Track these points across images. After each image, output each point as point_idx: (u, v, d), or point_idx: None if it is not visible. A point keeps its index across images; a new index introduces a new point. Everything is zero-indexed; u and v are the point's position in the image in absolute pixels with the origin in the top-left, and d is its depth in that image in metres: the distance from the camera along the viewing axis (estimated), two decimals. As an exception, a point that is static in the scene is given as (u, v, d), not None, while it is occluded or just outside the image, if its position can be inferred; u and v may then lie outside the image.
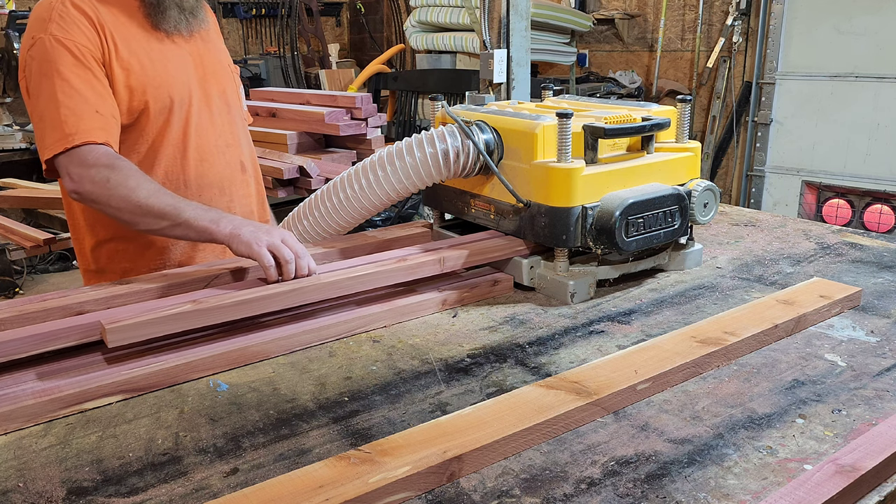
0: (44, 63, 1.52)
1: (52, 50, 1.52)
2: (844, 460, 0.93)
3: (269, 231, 1.43)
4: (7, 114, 5.87)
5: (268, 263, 1.39)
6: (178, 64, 1.69)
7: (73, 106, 1.50)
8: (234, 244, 1.43)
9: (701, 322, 1.35)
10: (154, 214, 1.47)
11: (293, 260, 1.40)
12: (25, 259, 4.81)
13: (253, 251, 1.40)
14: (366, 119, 4.00)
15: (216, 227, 1.45)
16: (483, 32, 3.41)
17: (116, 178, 1.47)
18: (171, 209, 1.46)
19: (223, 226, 1.45)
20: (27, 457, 1.02)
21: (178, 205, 1.47)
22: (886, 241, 1.92)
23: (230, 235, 1.43)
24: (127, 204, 1.47)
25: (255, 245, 1.40)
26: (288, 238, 1.43)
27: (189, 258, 1.75)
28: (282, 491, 0.87)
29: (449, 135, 1.57)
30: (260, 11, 8.09)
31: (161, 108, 1.64)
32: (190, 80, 1.70)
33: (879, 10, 4.35)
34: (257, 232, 1.42)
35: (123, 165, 1.50)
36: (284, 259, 1.39)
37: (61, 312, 1.33)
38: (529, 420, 1.02)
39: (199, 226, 1.46)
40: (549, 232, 1.49)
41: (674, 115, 1.66)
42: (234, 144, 1.82)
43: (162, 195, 1.48)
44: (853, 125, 4.54)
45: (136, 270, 1.68)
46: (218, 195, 1.77)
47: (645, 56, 6.25)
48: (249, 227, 1.44)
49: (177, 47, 1.70)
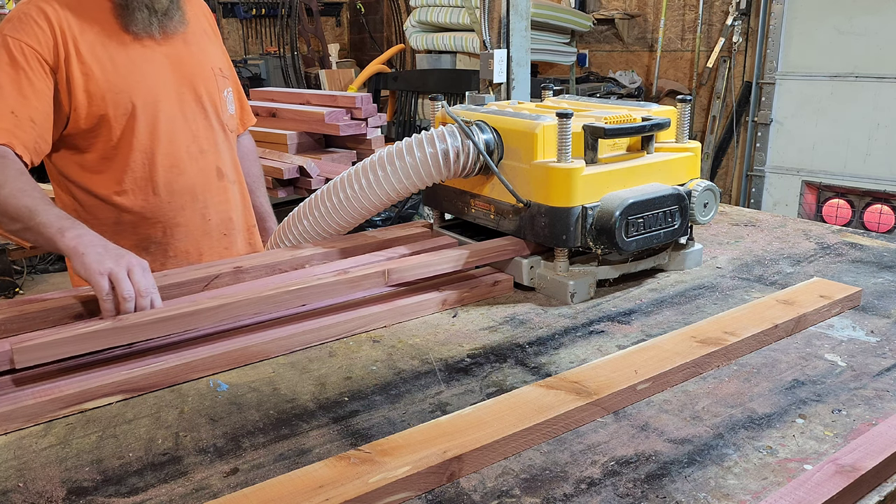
0: None
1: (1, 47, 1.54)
2: (844, 460, 0.93)
3: (118, 259, 1.30)
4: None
5: (103, 293, 1.26)
6: (146, 68, 1.67)
7: None
8: (75, 262, 1.31)
9: (701, 322, 1.35)
10: (8, 215, 1.42)
11: (132, 298, 1.27)
12: (25, 259, 4.81)
13: (91, 278, 1.27)
14: (366, 119, 4.00)
15: (61, 237, 1.35)
16: (483, 32, 3.41)
17: None
18: (25, 211, 1.39)
19: (69, 238, 1.34)
20: (27, 457, 1.02)
21: (34, 208, 1.39)
22: (886, 241, 1.92)
23: (72, 250, 1.33)
24: None
25: (94, 272, 1.27)
26: (136, 270, 1.29)
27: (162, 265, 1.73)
28: (282, 491, 0.87)
29: (449, 135, 1.57)
30: (260, 11, 8.09)
31: (121, 114, 1.63)
32: (160, 84, 1.69)
33: (879, 10, 4.35)
34: (103, 257, 1.29)
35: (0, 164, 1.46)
36: (122, 296, 1.26)
37: (61, 312, 1.33)
38: (529, 420, 1.02)
39: (46, 233, 1.37)
40: (549, 232, 1.49)
41: (674, 115, 1.66)
42: (209, 150, 1.79)
43: (23, 196, 1.41)
44: (853, 125, 4.54)
45: None
46: (190, 202, 1.76)
47: (645, 56, 6.25)
48: (97, 249, 1.31)
49: (148, 51, 1.69)
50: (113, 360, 1.25)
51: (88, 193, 1.69)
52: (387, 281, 1.44)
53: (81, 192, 1.69)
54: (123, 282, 1.26)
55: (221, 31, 7.96)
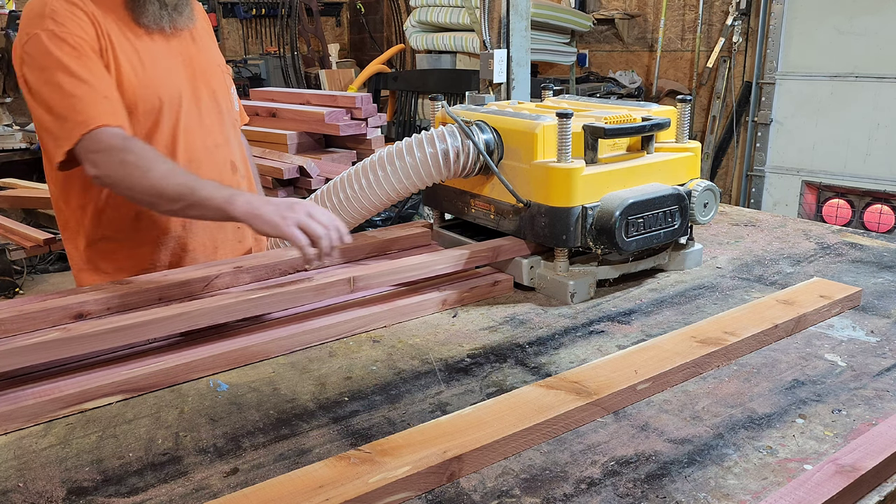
0: (43, 57, 1.51)
1: (50, 44, 1.51)
2: (844, 460, 0.93)
3: (292, 206, 1.37)
4: (7, 114, 5.87)
5: (303, 242, 1.34)
6: (167, 64, 1.67)
7: (81, 95, 1.49)
8: (256, 224, 1.37)
9: (701, 322, 1.35)
10: (168, 197, 1.44)
11: (325, 235, 1.35)
12: (25, 259, 4.82)
13: (283, 232, 1.34)
14: (366, 119, 4.00)
15: (231, 206, 1.40)
16: (483, 32, 3.41)
17: (130, 160, 1.46)
18: (185, 189, 1.43)
19: (239, 205, 1.39)
20: (27, 457, 1.02)
21: (192, 184, 1.44)
22: (886, 241, 1.92)
23: (247, 214, 1.38)
24: (142, 186, 1.45)
25: (283, 226, 1.34)
26: (313, 210, 1.37)
27: (179, 259, 1.74)
28: (282, 491, 0.87)
29: (449, 135, 1.57)
30: (260, 11, 8.09)
31: (150, 109, 1.63)
32: (179, 80, 1.69)
33: (879, 10, 4.35)
34: (280, 209, 1.36)
35: (136, 146, 1.48)
36: (316, 235, 1.34)
37: (61, 312, 1.33)
38: (529, 420, 1.02)
39: (214, 205, 1.42)
40: (549, 232, 1.49)
41: (674, 115, 1.66)
42: (223, 145, 1.80)
43: (175, 175, 1.45)
44: (853, 125, 4.54)
45: (128, 270, 1.68)
46: None
47: (645, 56, 6.25)
48: (269, 206, 1.38)
49: (167, 46, 1.69)
50: (113, 360, 1.25)
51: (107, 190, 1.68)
52: (352, 288, 1.42)
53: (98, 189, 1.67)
54: (314, 227, 1.35)
55: (221, 30, 7.97)
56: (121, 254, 1.70)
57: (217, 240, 1.82)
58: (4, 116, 5.83)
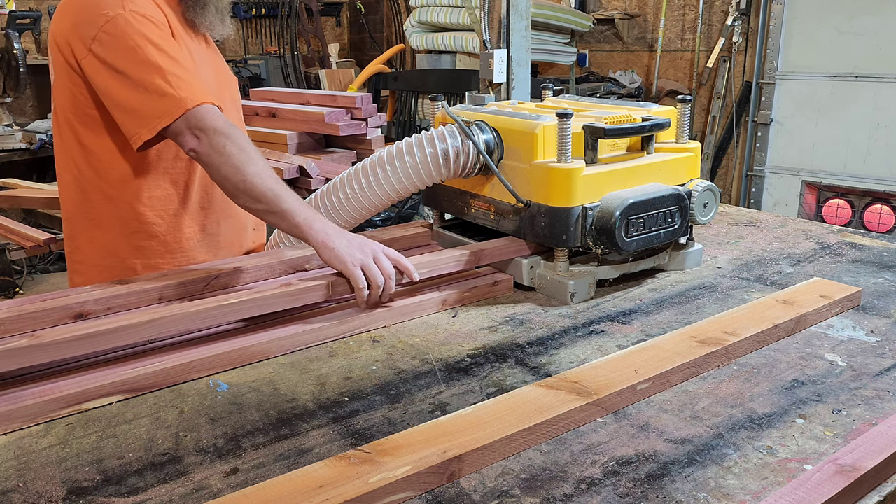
0: (129, 37, 1.49)
1: (137, 23, 1.50)
2: (844, 460, 0.93)
3: (363, 247, 1.42)
4: (7, 114, 5.87)
5: (361, 285, 1.39)
6: (208, 69, 1.70)
7: (177, 72, 1.50)
8: (325, 254, 1.42)
9: (701, 322, 1.35)
10: (253, 196, 1.46)
11: (382, 284, 1.41)
12: (25, 259, 4.82)
13: (347, 270, 1.39)
14: (366, 119, 3.99)
15: (309, 230, 1.43)
16: (483, 32, 3.41)
17: (231, 149, 1.47)
18: (271, 195, 1.46)
19: (316, 231, 1.43)
20: (27, 457, 1.02)
21: (278, 192, 1.46)
22: (886, 241, 1.92)
23: (321, 244, 1.42)
24: (233, 176, 1.47)
25: (349, 264, 1.39)
26: (379, 254, 1.42)
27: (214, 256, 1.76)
28: (282, 491, 0.87)
29: (449, 135, 1.57)
30: (260, 11, 8.09)
31: None
32: (215, 86, 1.71)
33: (879, 10, 4.35)
34: (351, 248, 1.41)
35: (239, 136, 1.50)
36: (375, 284, 1.40)
37: (61, 312, 1.33)
38: (529, 420, 1.02)
39: (293, 221, 1.45)
40: (549, 232, 1.49)
41: (674, 115, 1.66)
42: None
43: (266, 177, 1.47)
44: (853, 125, 4.54)
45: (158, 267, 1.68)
46: None
47: (645, 56, 6.25)
48: (342, 241, 1.42)
49: (205, 51, 1.71)
50: (113, 360, 1.25)
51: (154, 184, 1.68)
52: (331, 294, 1.41)
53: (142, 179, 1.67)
54: (375, 273, 1.40)
55: (221, 30, 7.96)
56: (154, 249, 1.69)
57: (242, 238, 1.86)
58: (4, 116, 5.82)
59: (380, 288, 1.41)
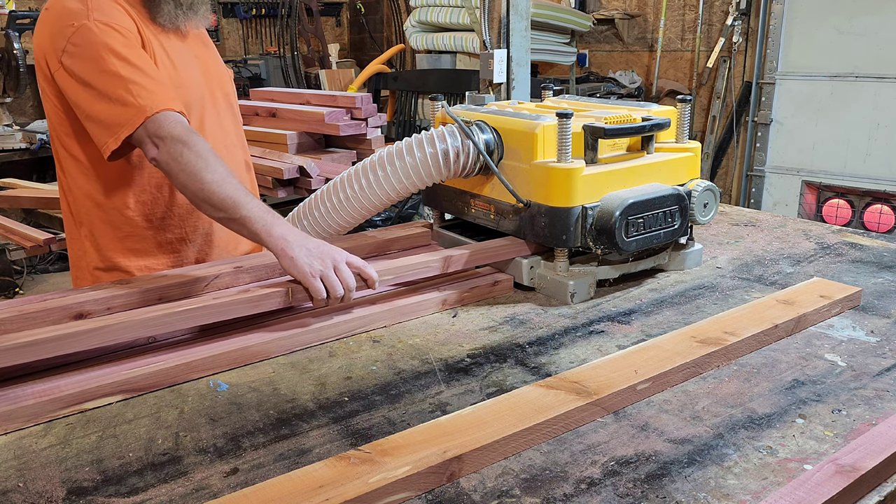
0: (93, 47, 1.49)
1: (101, 33, 1.50)
2: (844, 460, 0.93)
3: (323, 256, 1.38)
4: (7, 114, 5.87)
5: (320, 297, 1.36)
6: (189, 64, 1.69)
7: (139, 81, 1.49)
8: (284, 262, 1.38)
9: (701, 322, 1.35)
10: (212, 203, 1.45)
11: (341, 297, 1.37)
12: (25, 259, 4.82)
13: (307, 281, 1.36)
14: (366, 119, 3.99)
15: (267, 235, 1.40)
16: (483, 32, 3.41)
17: (188, 156, 1.45)
18: (230, 202, 1.43)
19: (276, 238, 1.39)
20: (27, 457, 1.02)
21: (237, 199, 1.43)
22: (886, 241, 1.92)
23: (281, 251, 1.38)
24: (192, 185, 1.45)
25: (308, 276, 1.35)
26: (340, 267, 1.38)
27: (205, 255, 1.76)
28: (282, 491, 0.87)
29: (449, 135, 1.57)
30: (260, 11, 8.09)
31: None
32: (199, 81, 1.70)
33: (879, 10, 4.35)
34: (311, 257, 1.37)
35: (197, 141, 1.48)
36: (335, 295, 1.36)
37: (61, 312, 1.33)
38: (529, 420, 1.02)
39: (252, 229, 1.42)
40: (549, 232, 1.49)
41: (674, 115, 1.66)
42: (239, 145, 1.83)
43: (225, 184, 1.45)
44: (853, 125, 4.54)
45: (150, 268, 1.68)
46: None
47: (645, 56, 6.25)
48: (302, 249, 1.38)
49: (184, 47, 1.70)
50: (113, 360, 1.25)
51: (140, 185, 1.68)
52: (291, 300, 1.37)
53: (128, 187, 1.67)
54: (335, 284, 1.36)
55: (221, 30, 7.97)
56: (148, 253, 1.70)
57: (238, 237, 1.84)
58: (4, 116, 5.83)
59: (338, 299, 1.37)
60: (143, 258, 1.70)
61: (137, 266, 1.69)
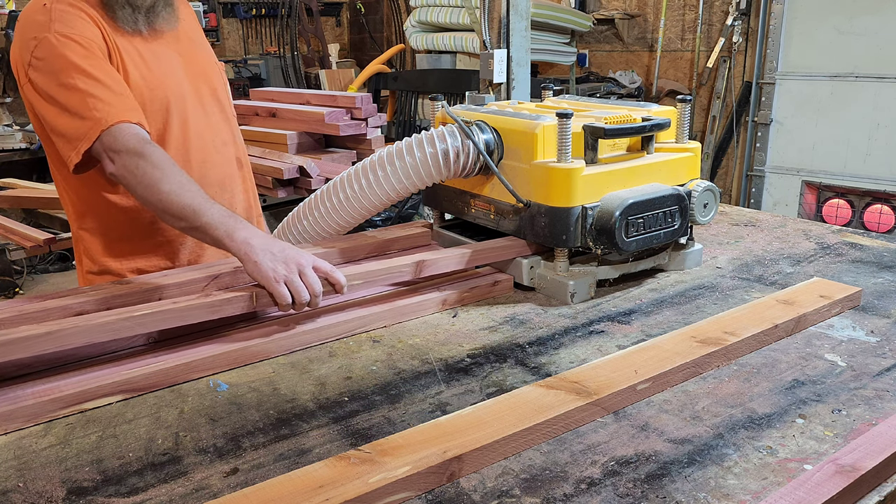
0: (55, 60, 1.49)
1: (61, 46, 1.49)
2: (844, 460, 0.93)
3: (287, 261, 1.34)
4: (7, 114, 5.87)
5: (285, 302, 1.32)
6: (167, 64, 1.67)
7: (97, 94, 1.48)
8: (248, 267, 1.35)
9: (701, 322, 1.35)
10: (172, 213, 1.43)
11: (306, 303, 1.34)
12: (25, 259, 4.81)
13: (271, 286, 1.32)
14: (366, 119, 4.00)
15: (230, 240, 1.38)
16: (483, 32, 3.41)
17: (144, 168, 1.44)
18: (189, 211, 1.41)
19: (238, 240, 1.37)
20: (27, 457, 1.02)
21: (197, 207, 1.41)
22: (886, 241, 1.92)
23: (244, 256, 1.36)
24: (150, 197, 1.44)
25: (272, 281, 1.32)
26: (306, 272, 1.35)
27: (197, 258, 1.75)
28: (282, 491, 0.87)
29: (449, 135, 1.57)
30: (260, 11, 8.10)
31: (159, 109, 1.63)
32: (181, 79, 1.69)
33: (879, 10, 4.35)
34: (275, 262, 1.34)
35: (153, 152, 1.46)
36: (300, 301, 1.33)
37: (61, 312, 1.33)
38: (529, 420, 1.02)
39: (214, 235, 1.40)
40: (549, 232, 1.49)
41: (674, 116, 1.66)
42: (229, 142, 1.82)
43: (184, 194, 1.43)
44: (853, 125, 4.54)
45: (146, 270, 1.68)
46: (220, 193, 1.77)
47: (645, 56, 6.25)
48: (266, 254, 1.35)
49: (165, 46, 1.69)
50: (113, 360, 1.25)
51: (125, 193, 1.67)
52: (255, 305, 1.32)
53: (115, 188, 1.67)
54: (300, 289, 1.32)
55: (221, 30, 7.98)
56: (139, 255, 1.70)
57: None
58: (4, 116, 5.83)
59: (303, 305, 1.33)
60: (133, 260, 1.70)
61: (129, 268, 1.69)
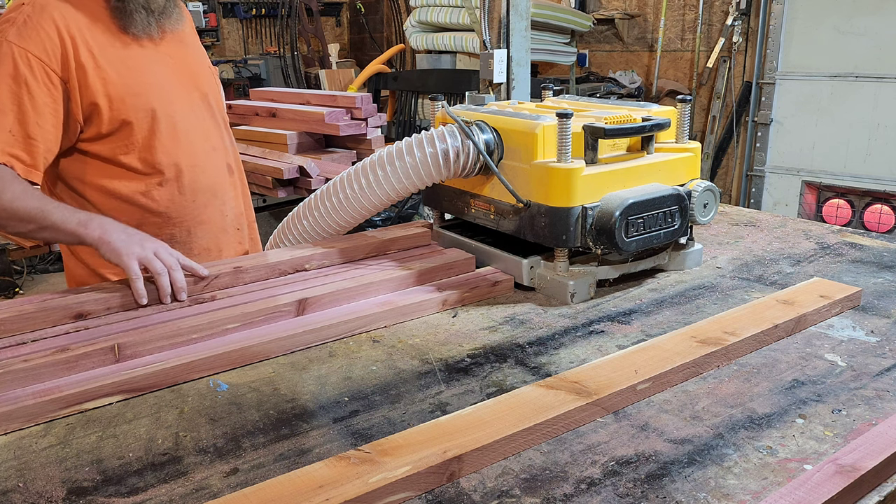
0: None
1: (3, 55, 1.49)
2: (844, 460, 0.93)
3: (142, 242, 1.40)
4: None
5: (134, 276, 1.36)
6: (157, 70, 1.67)
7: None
8: (104, 250, 1.40)
9: (701, 322, 1.35)
10: (19, 219, 1.45)
11: (164, 273, 1.38)
12: (25, 259, 4.82)
13: (122, 262, 1.37)
14: (366, 119, 4.00)
15: (84, 229, 1.42)
16: (483, 32, 3.41)
17: None
18: (36, 212, 1.44)
19: (92, 229, 1.42)
20: (27, 457, 1.02)
21: (44, 207, 1.44)
22: (886, 241, 1.92)
23: (99, 240, 1.40)
24: None
25: (124, 255, 1.37)
26: (161, 250, 1.41)
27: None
28: (282, 491, 0.87)
29: (449, 135, 1.57)
30: (260, 11, 8.10)
31: (143, 117, 1.62)
32: (171, 85, 1.68)
33: (879, 10, 4.35)
34: (129, 242, 1.40)
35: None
36: (156, 271, 1.37)
37: (61, 312, 1.33)
38: (529, 420, 1.02)
39: (67, 229, 1.43)
40: (549, 232, 1.49)
41: (674, 116, 1.66)
42: (219, 147, 1.81)
43: (27, 199, 1.45)
44: (853, 125, 4.54)
45: None
46: (211, 199, 1.77)
47: (645, 56, 6.25)
48: (121, 235, 1.41)
49: (154, 51, 1.68)
50: (113, 360, 1.25)
51: (110, 196, 1.66)
52: (117, 357, 1.23)
53: (100, 195, 1.66)
54: (153, 261, 1.36)
55: (221, 30, 7.98)
56: None
57: (221, 242, 1.83)
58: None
59: (160, 275, 1.37)
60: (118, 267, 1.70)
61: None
